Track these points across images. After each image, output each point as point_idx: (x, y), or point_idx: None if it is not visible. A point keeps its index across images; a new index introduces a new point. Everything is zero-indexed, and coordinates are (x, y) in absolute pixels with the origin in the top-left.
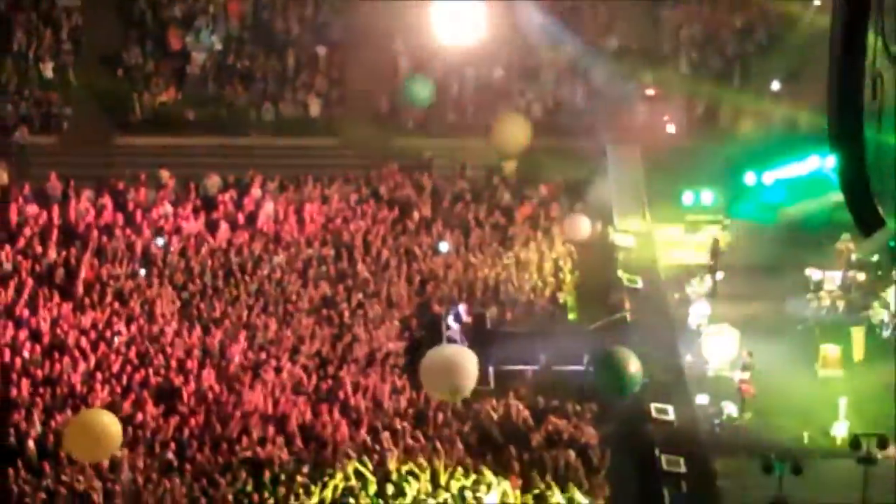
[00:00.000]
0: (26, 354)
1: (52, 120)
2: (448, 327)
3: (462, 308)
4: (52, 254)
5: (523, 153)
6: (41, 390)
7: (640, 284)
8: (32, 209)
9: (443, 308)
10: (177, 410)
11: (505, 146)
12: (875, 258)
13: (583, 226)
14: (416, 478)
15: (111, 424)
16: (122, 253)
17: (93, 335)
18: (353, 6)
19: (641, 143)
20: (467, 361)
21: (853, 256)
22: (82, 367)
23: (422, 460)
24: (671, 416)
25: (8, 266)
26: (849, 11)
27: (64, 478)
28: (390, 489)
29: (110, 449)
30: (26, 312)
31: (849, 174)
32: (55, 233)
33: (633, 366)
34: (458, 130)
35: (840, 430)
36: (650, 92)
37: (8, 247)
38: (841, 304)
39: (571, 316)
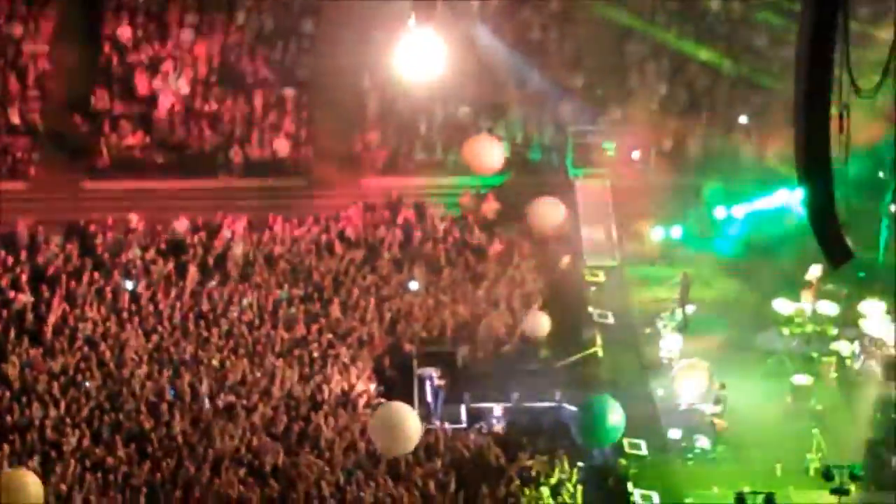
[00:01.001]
0: None
1: (20, 166)
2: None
3: (434, 373)
4: (22, 299)
5: (494, 190)
6: (10, 437)
7: (611, 320)
8: (0, 255)
9: (413, 348)
10: (148, 454)
11: (478, 166)
12: (844, 290)
13: (542, 322)
14: None
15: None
16: (90, 297)
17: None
18: (320, 47)
19: (610, 178)
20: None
21: (822, 288)
22: (53, 412)
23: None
24: (644, 451)
25: None
26: (814, 46)
27: None
28: None
29: None
30: None
31: (816, 207)
32: (24, 278)
33: (614, 416)
34: (426, 169)
35: (813, 462)
36: (618, 127)
37: None
38: (811, 336)
39: (543, 353)
